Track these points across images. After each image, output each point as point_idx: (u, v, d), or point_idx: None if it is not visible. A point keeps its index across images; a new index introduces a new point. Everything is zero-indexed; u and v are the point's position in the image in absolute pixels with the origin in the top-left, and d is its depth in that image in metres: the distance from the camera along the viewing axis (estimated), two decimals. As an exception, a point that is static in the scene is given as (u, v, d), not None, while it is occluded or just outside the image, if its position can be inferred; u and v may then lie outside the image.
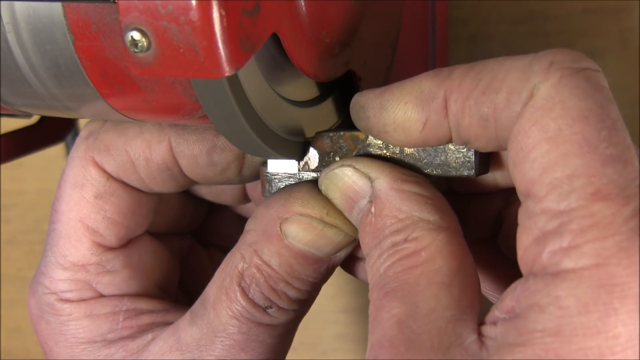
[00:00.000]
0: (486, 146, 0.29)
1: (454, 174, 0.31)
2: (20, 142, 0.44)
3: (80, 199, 0.36)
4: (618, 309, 0.25)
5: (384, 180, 0.31)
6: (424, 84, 0.30)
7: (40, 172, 0.64)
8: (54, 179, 0.64)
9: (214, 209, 0.44)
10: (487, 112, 0.28)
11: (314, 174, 0.34)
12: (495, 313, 0.27)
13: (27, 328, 0.68)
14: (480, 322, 0.28)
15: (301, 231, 0.32)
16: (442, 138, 0.30)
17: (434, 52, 0.47)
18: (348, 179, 0.32)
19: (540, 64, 0.27)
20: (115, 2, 0.27)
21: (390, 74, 0.39)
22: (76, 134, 0.57)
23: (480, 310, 0.29)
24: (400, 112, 0.30)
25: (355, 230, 0.33)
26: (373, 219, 0.30)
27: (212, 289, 0.34)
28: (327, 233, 0.33)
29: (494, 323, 0.27)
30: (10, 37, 0.29)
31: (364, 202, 0.31)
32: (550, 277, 0.26)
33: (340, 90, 0.36)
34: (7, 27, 0.29)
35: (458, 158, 0.31)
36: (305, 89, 0.34)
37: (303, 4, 0.30)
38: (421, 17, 0.46)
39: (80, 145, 0.36)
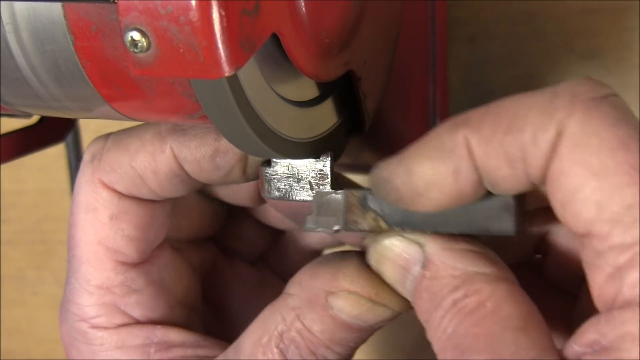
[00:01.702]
0: (516, 186, 0.29)
1: (493, 232, 0.30)
2: (20, 142, 0.44)
3: (95, 222, 0.36)
4: None
5: (434, 243, 0.30)
6: (443, 135, 0.29)
7: (40, 172, 0.64)
8: (54, 179, 0.64)
9: (234, 215, 0.43)
10: (513, 153, 0.27)
11: (311, 178, 0.33)
12: (574, 348, 0.27)
13: (27, 328, 0.68)
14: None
15: (348, 306, 0.32)
16: (476, 183, 0.29)
17: (434, 52, 0.47)
18: (397, 249, 0.31)
19: (561, 99, 0.27)
20: (115, 2, 0.27)
21: (390, 74, 0.39)
22: (76, 134, 0.57)
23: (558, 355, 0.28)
24: (428, 170, 0.29)
25: (404, 304, 0.32)
26: (428, 283, 0.30)
27: (247, 342, 0.34)
28: (376, 310, 0.32)
29: (579, 358, 0.27)
30: (10, 38, 0.30)
31: (416, 269, 0.31)
32: (637, 306, 0.26)
33: (340, 90, 0.36)
34: (7, 28, 0.29)
35: (493, 215, 0.30)
36: (305, 89, 0.34)
37: (303, 4, 0.30)
38: (421, 17, 0.46)
39: (85, 169, 0.36)
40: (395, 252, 0.31)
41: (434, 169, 0.29)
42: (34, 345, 0.68)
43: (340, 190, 0.33)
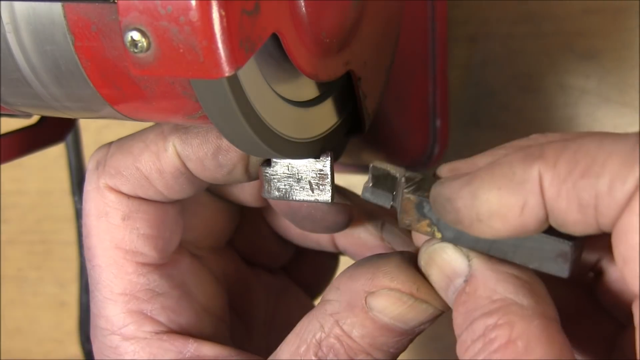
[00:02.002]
0: (584, 231, 0.28)
1: (544, 269, 0.30)
2: (20, 142, 0.44)
3: (109, 227, 0.36)
4: None
5: (482, 260, 0.30)
6: (516, 166, 0.28)
7: (40, 172, 0.64)
8: (54, 179, 0.64)
9: (251, 222, 0.43)
10: (586, 199, 0.27)
11: (311, 177, 0.34)
12: None
13: (27, 328, 0.68)
14: None
15: (389, 305, 0.32)
16: (542, 220, 0.28)
17: (434, 52, 0.47)
18: (447, 256, 0.31)
19: None
20: (115, 2, 0.27)
21: (390, 74, 0.39)
22: (76, 134, 0.57)
23: None
24: (494, 199, 0.28)
25: (444, 304, 0.32)
26: (467, 299, 0.30)
27: (284, 354, 0.33)
28: (417, 308, 0.32)
29: None
30: (10, 38, 0.30)
31: (459, 281, 0.31)
32: None
33: (340, 90, 0.36)
34: (7, 28, 0.29)
35: (549, 253, 0.29)
36: (305, 89, 0.34)
37: (303, 4, 0.30)
38: (421, 17, 0.46)
39: (91, 177, 0.36)
40: (444, 259, 0.31)
41: (500, 199, 0.28)
42: (34, 345, 0.68)
43: (397, 168, 0.33)
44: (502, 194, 0.28)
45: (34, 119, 0.44)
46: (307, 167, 0.34)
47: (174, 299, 0.37)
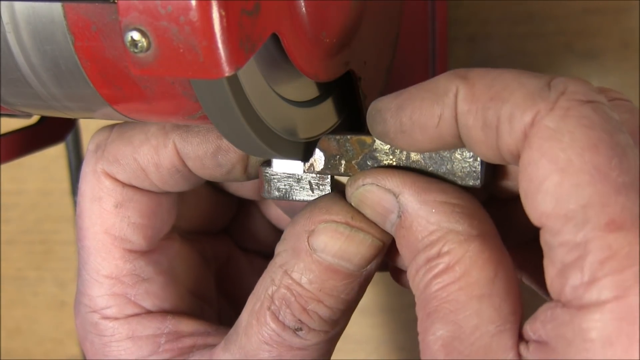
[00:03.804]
0: (485, 153, 0.29)
1: (460, 183, 0.31)
2: (20, 142, 0.44)
3: (101, 212, 0.36)
4: None
5: (408, 194, 0.31)
6: (440, 81, 0.29)
7: (40, 172, 0.64)
8: (54, 179, 0.64)
9: (247, 210, 0.44)
10: (489, 120, 0.28)
11: (310, 177, 0.34)
12: (527, 329, 0.28)
13: (27, 328, 0.68)
14: (520, 331, 0.28)
15: (329, 240, 0.32)
16: (456, 135, 0.30)
17: (434, 52, 0.47)
18: (374, 196, 0.32)
19: (551, 92, 0.27)
20: (115, 2, 0.27)
21: (391, 74, 0.39)
22: (76, 134, 0.57)
23: (523, 313, 0.29)
24: (417, 109, 0.30)
25: (383, 233, 0.32)
26: (405, 233, 0.30)
27: (244, 314, 0.34)
28: (355, 238, 0.32)
29: (527, 342, 0.28)
30: (10, 37, 0.29)
31: (394, 217, 0.31)
32: (575, 309, 0.26)
33: (340, 90, 0.35)
34: (7, 27, 0.29)
35: (464, 167, 0.31)
36: (305, 89, 0.34)
37: (303, 4, 0.30)
38: (421, 17, 0.46)
39: (90, 159, 0.37)
40: (372, 199, 0.32)
41: (421, 109, 0.30)
42: (34, 345, 0.68)
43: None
44: (423, 105, 0.29)
45: (34, 119, 0.44)
46: (307, 167, 0.34)
47: (159, 285, 0.37)
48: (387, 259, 0.34)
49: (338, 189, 0.34)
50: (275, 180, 0.34)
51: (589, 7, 0.48)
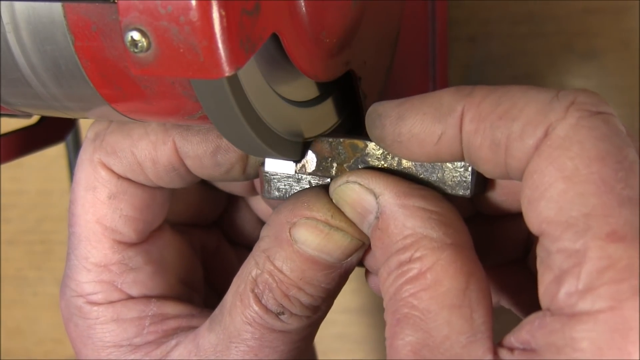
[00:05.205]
0: (492, 171, 0.29)
1: (449, 192, 0.31)
2: (20, 142, 0.44)
3: (94, 201, 0.36)
4: (632, 353, 0.25)
5: (388, 196, 0.31)
6: (445, 98, 0.29)
7: (40, 172, 0.64)
8: (54, 179, 0.64)
9: (237, 205, 0.44)
10: (499, 138, 0.28)
11: (310, 177, 0.34)
12: (511, 339, 0.28)
13: (27, 328, 0.68)
14: (498, 342, 0.28)
15: (309, 235, 0.33)
16: (455, 154, 0.30)
17: (434, 52, 0.47)
18: (355, 195, 0.32)
19: (560, 103, 0.27)
20: (115, 2, 0.27)
21: (391, 74, 0.39)
22: (76, 134, 0.57)
23: (492, 324, 0.29)
24: (417, 123, 0.30)
25: (362, 233, 0.33)
26: (381, 235, 0.31)
27: (228, 295, 0.34)
28: (334, 236, 0.33)
29: (511, 349, 0.28)
30: (10, 37, 0.29)
31: (371, 218, 0.31)
32: (567, 317, 0.26)
33: (340, 90, 0.35)
34: (7, 27, 0.29)
35: (455, 177, 0.31)
36: (305, 89, 0.34)
37: (303, 4, 0.30)
38: (421, 17, 0.46)
39: (87, 148, 0.37)
40: (353, 197, 0.32)
41: (422, 124, 0.30)
42: (34, 345, 0.68)
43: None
44: (425, 120, 0.30)
45: (34, 119, 0.44)
46: (307, 167, 0.34)
47: (147, 274, 0.37)
48: (362, 260, 0.34)
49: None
50: (276, 181, 0.34)
51: (589, 7, 0.48)
